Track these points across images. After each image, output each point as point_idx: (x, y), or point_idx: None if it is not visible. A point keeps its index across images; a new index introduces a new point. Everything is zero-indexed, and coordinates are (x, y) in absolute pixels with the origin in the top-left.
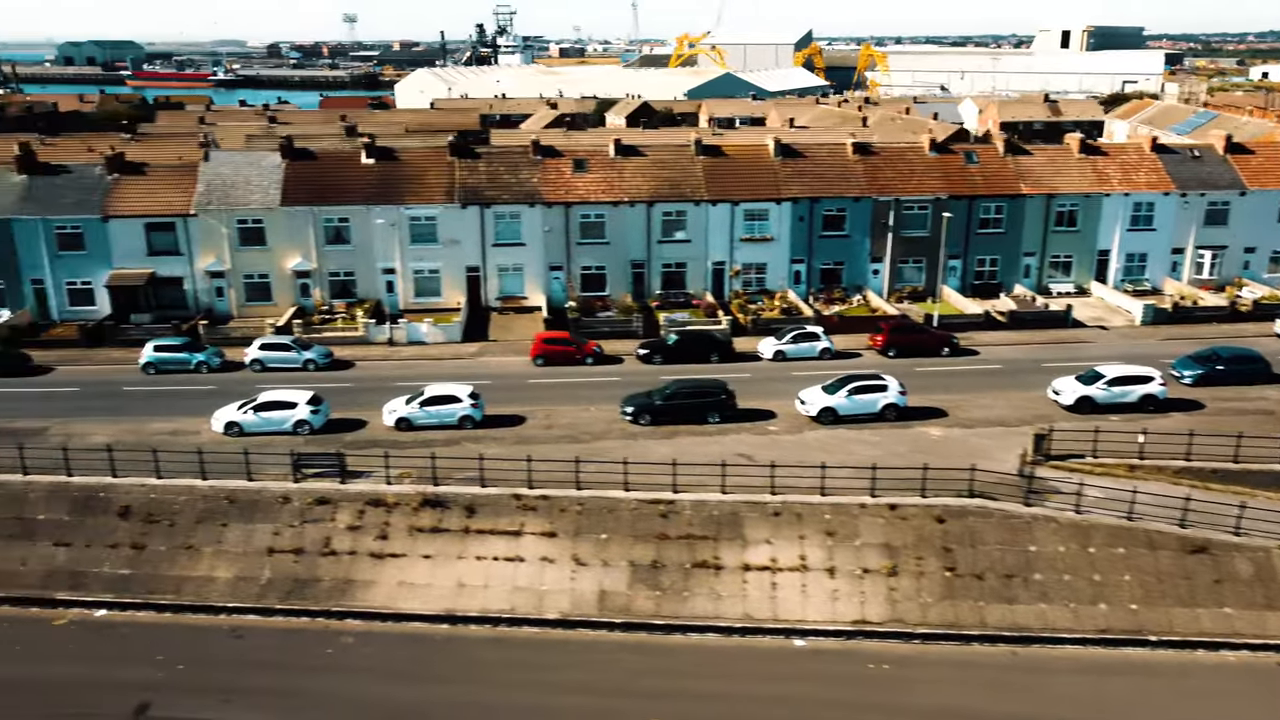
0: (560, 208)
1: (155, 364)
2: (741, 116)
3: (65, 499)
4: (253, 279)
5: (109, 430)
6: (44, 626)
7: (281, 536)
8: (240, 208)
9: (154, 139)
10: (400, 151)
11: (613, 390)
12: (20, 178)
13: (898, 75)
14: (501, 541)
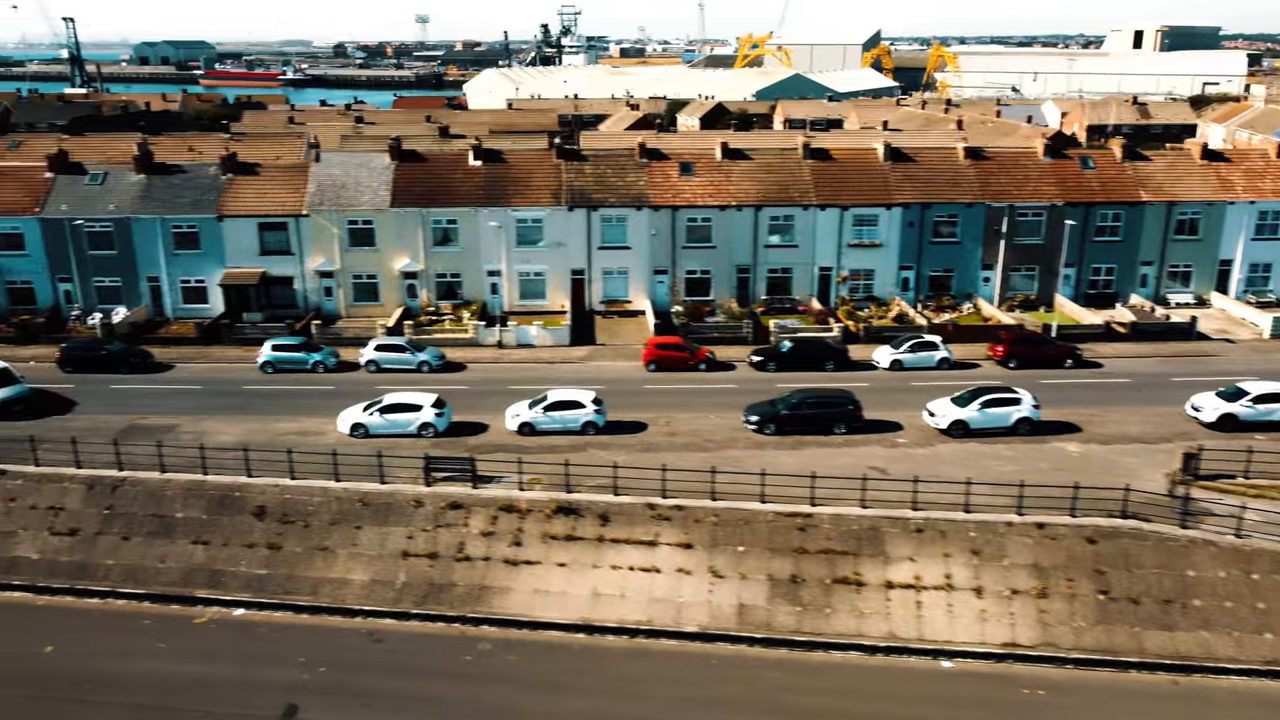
0: (667, 211)
1: (273, 363)
2: (817, 118)
3: (202, 498)
4: (361, 279)
5: (236, 429)
6: (185, 624)
7: (415, 540)
8: (351, 209)
9: (251, 138)
10: (507, 154)
11: (729, 398)
12: (138, 177)
13: (967, 76)
14: (637, 551)
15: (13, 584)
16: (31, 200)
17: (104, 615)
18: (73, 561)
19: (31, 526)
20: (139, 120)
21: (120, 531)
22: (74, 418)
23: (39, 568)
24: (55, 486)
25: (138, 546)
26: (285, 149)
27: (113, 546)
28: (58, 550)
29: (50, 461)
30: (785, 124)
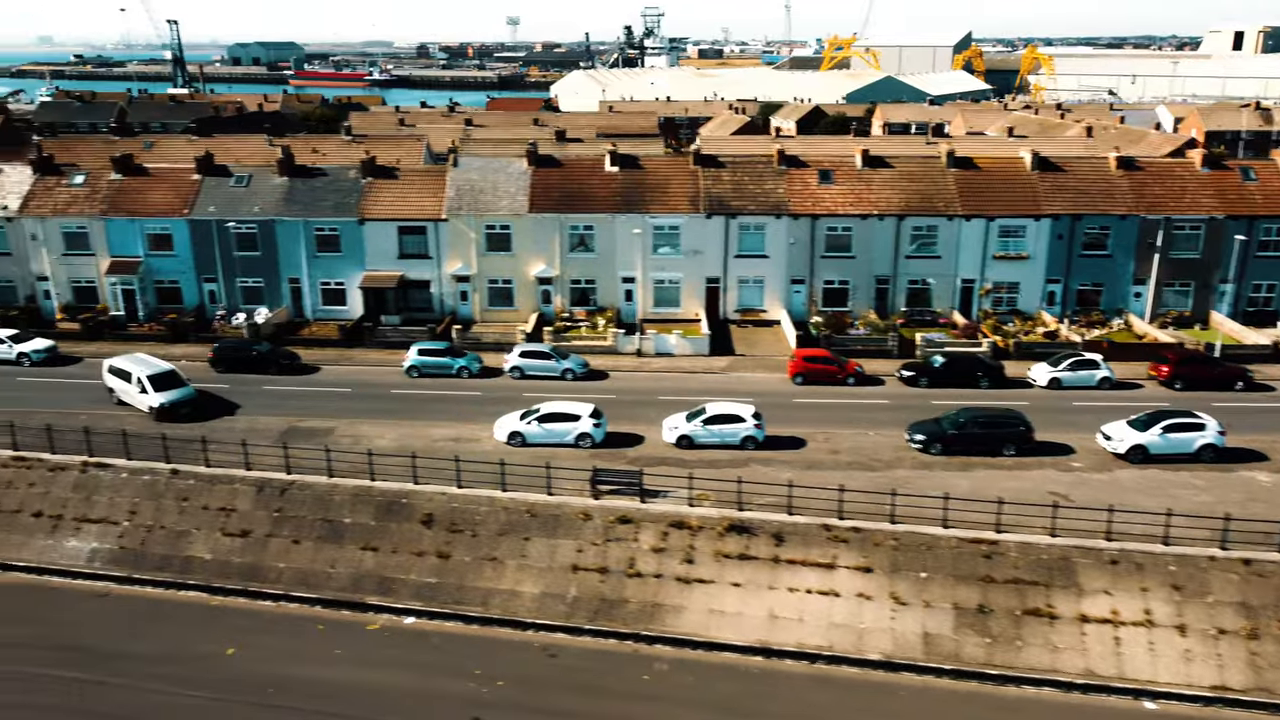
0: (806, 219)
1: (419, 367)
2: (918, 122)
3: (370, 503)
4: (497, 284)
5: (392, 434)
6: (358, 631)
7: (585, 554)
8: (489, 213)
9: (371, 140)
10: (643, 159)
11: (883, 414)
12: (281, 180)
13: (1061, 79)
14: (813, 574)
15: (189, 583)
16: (181, 202)
17: (277, 618)
18: (245, 563)
19: (204, 527)
20: (262, 121)
21: (291, 535)
22: (234, 419)
23: (212, 568)
24: (226, 488)
25: (308, 550)
26: (404, 151)
27: (283, 549)
28: (230, 551)
29: (220, 463)
30: (884, 128)
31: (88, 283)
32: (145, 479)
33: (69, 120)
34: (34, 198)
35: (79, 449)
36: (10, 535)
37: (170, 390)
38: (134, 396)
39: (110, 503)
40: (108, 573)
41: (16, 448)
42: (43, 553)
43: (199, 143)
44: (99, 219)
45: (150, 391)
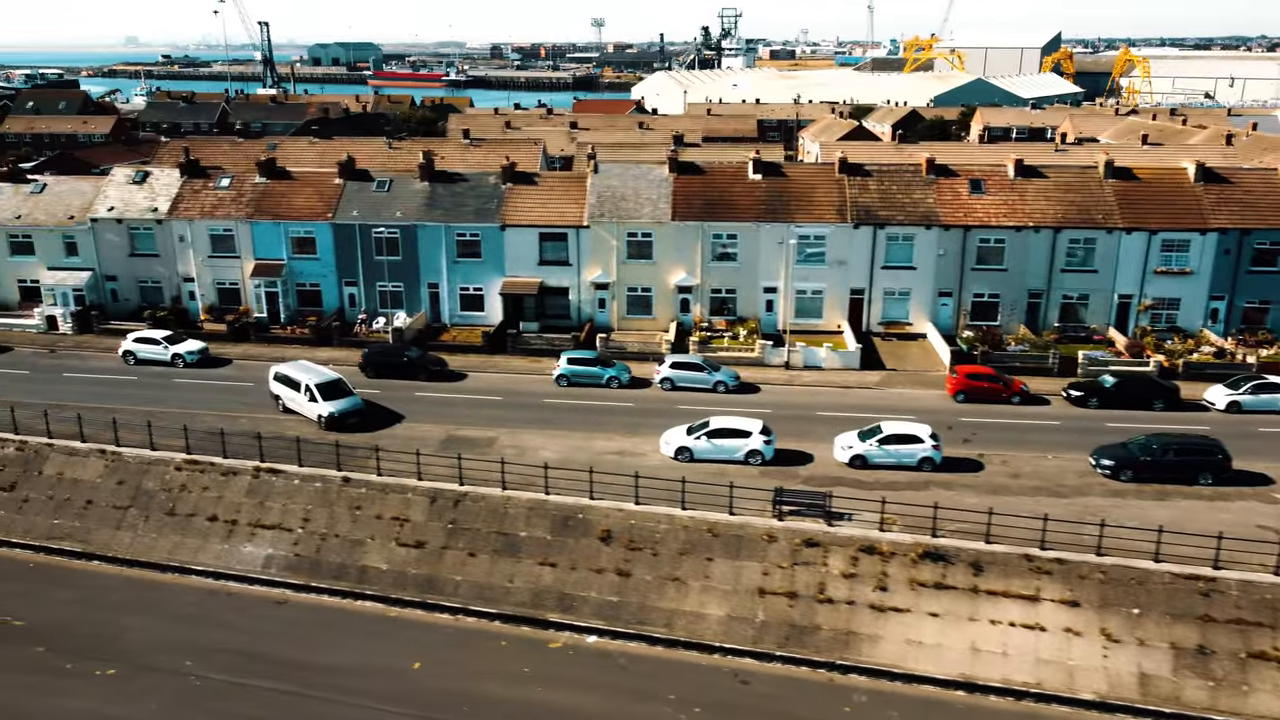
0: (957, 231)
1: (568, 376)
2: (1019, 126)
3: (545, 517)
4: (635, 292)
5: (555, 445)
6: (541, 648)
7: (771, 577)
8: (631, 221)
9: (489, 144)
10: (786, 167)
11: (1056, 435)
12: (422, 184)
13: (1154, 81)
14: (1016, 606)
15: (366, 594)
16: (324, 206)
17: (457, 632)
18: (421, 574)
19: (379, 536)
20: (366, 123)
21: (466, 547)
22: (393, 427)
23: (388, 578)
24: (398, 497)
25: (484, 564)
26: (521, 155)
27: (459, 562)
28: (405, 562)
29: (389, 471)
30: (984, 132)
31: (231, 284)
32: (317, 486)
33: (174, 120)
34: (182, 200)
35: (248, 453)
36: (186, 538)
37: (339, 399)
38: (302, 404)
39: (284, 509)
40: (285, 580)
41: (189, 451)
42: (220, 557)
43: (320, 145)
44: (245, 222)
45: (319, 400)
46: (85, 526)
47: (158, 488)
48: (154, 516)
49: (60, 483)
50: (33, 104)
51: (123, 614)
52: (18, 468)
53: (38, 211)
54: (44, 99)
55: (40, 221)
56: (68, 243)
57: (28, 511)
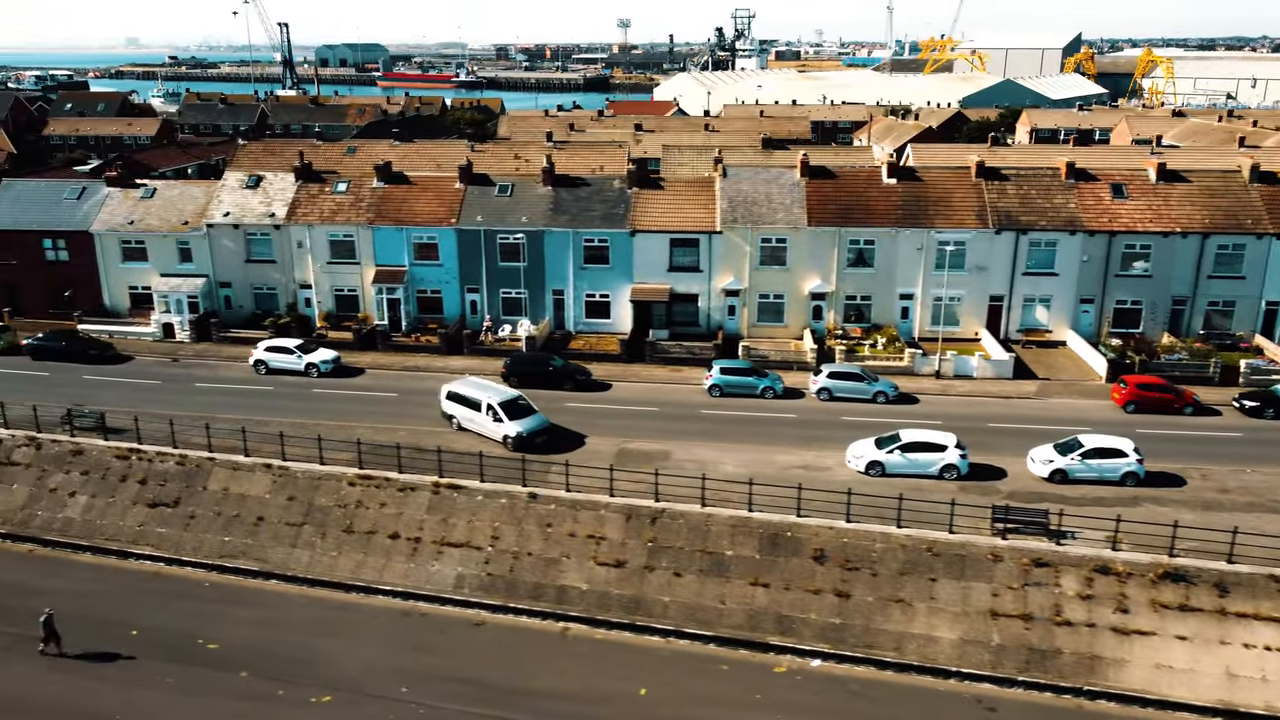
0: (1101, 236)
1: (721, 386)
2: (1067, 128)
3: (750, 535)
4: (767, 299)
5: (733, 459)
6: (764, 672)
7: (1002, 599)
8: (765, 226)
9: (574, 147)
10: (921, 171)
11: (1245, 448)
12: (545, 189)
13: (1175, 82)
14: (1268, 629)
15: (570, 614)
16: (448, 211)
17: (673, 655)
18: (625, 595)
19: (574, 554)
20: (419, 125)
21: (670, 566)
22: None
23: (590, 599)
24: (591, 514)
25: (692, 584)
26: (608, 158)
27: (665, 582)
28: (607, 582)
29: (577, 486)
30: (1031, 135)
31: (350, 291)
32: (502, 502)
33: (212, 121)
34: (299, 205)
35: (420, 468)
36: (368, 557)
37: (524, 418)
38: (483, 424)
39: (469, 526)
40: (480, 600)
41: (362, 465)
42: (407, 576)
43: (401, 148)
44: (366, 227)
45: (505, 420)
46: (259, 544)
47: (332, 504)
48: (331, 534)
49: (227, 498)
50: (71, 105)
51: (315, 636)
52: (179, 482)
53: (150, 217)
54: (83, 100)
55: (153, 227)
56: (181, 249)
57: (195, 529)
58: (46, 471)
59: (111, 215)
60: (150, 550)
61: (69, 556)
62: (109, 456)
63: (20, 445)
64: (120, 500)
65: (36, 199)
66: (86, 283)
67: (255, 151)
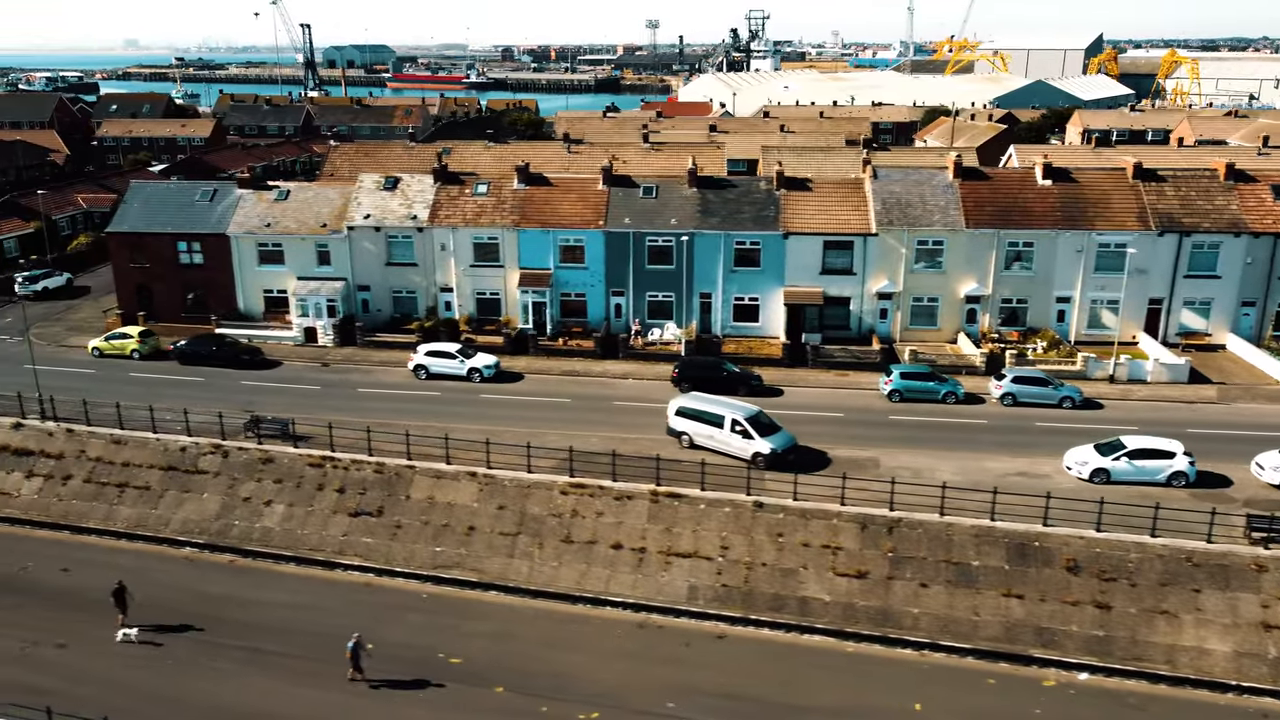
0: (1267, 238)
1: (901, 391)
2: (1120, 129)
3: (996, 545)
4: (921, 302)
5: (946, 466)
6: (1034, 687)
7: (1273, 610)
8: (922, 228)
9: (669, 148)
10: (1076, 173)
11: None
12: (691, 191)
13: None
14: None
15: (815, 627)
16: (594, 213)
17: (933, 669)
18: (871, 606)
19: (811, 565)
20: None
21: (914, 577)
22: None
23: (834, 610)
24: (822, 523)
25: (940, 595)
26: (706, 159)
27: (911, 594)
28: (850, 593)
29: (804, 495)
30: (1084, 136)
31: (492, 294)
32: (726, 511)
33: (258, 123)
34: (440, 207)
35: (623, 476)
36: (592, 567)
37: (773, 434)
38: (726, 441)
39: (695, 535)
40: (717, 611)
41: (573, 473)
42: (636, 587)
43: (496, 149)
44: (511, 229)
45: (756, 437)
46: (473, 554)
47: (545, 513)
48: (549, 544)
49: (433, 507)
50: (117, 107)
51: (555, 649)
52: (380, 491)
53: (286, 219)
54: (128, 102)
55: (291, 229)
56: (320, 251)
57: (404, 539)
58: (237, 480)
59: (246, 218)
60: (358, 561)
61: (271, 567)
62: (301, 464)
63: (205, 453)
64: (319, 509)
65: (167, 201)
66: (221, 286)
67: (348, 153)
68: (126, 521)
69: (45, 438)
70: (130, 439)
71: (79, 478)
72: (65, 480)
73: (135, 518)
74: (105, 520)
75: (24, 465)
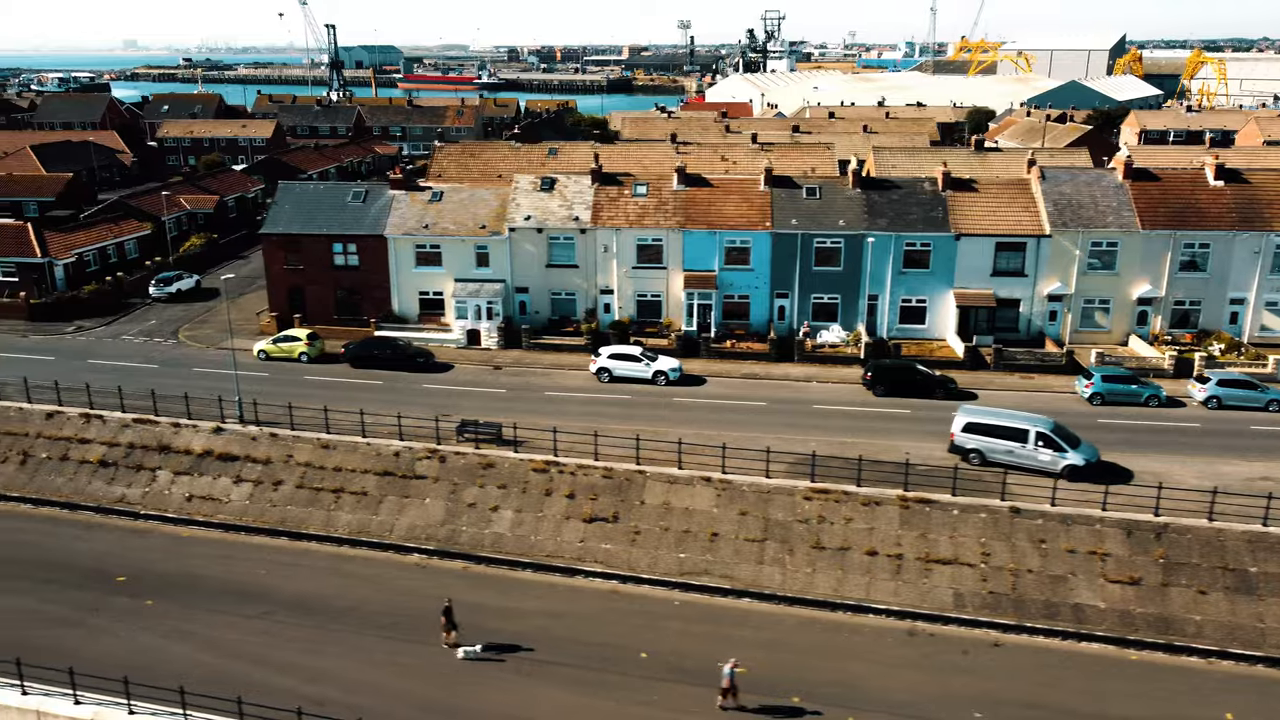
0: None
1: (1103, 394)
2: (1176, 129)
3: (1273, 551)
4: (1092, 304)
5: (1183, 471)
6: None
7: None
8: (1096, 230)
9: (778, 148)
10: (1246, 173)
11: None
12: (855, 191)
13: (1218, 84)
14: None
15: (1094, 634)
16: (759, 215)
17: (1227, 678)
18: (1149, 614)
19: (1079, 571)
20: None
21: (1191, 584)
22: None
23: (1110, 617)
24: (1085, 529)
25: (1220, 602)
26: (816, 159)
27: (1189, 601)
28: (1125, 600)
29: (1063, 500)
30: (1140, 136)
31: (653, 296)
32: (982, 517)
33: (309, 124)
34: (601, 208)
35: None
36: (848, 574)
37: (1079, 447)
38: (1030, 456)
39: (952, 542)
40: (988, 619)
41: (813, 478)
42: (898, 594)
43: (605, 149)
44: (676, 231)
45: (1067, 450)
46: (720, 560)
47: (790, 519)
48: (800, 550)
49: (669, 513)
50: (168, 108)
51: (830, 657)
52: (612, 496)
53: (444, 220)
54: (178, 102)
55: (450, 231)
56: (479, 253)
57: (645, 545)
58: (458, 485)
59: (403, 219)
60: (600, 567)
61: (506, 574)
62: (525, 469)
63: (421, 458)
64: (550, 515)
65: (319, 203)
66: (374, 288)
67: (453, 154)
68: (348, 527)
69: (249, 442)
70: (339, 443)
71: (290, 483)
72: (276, 486)
73: (356, 524)
74: (326, 526)
75: (230, 470)
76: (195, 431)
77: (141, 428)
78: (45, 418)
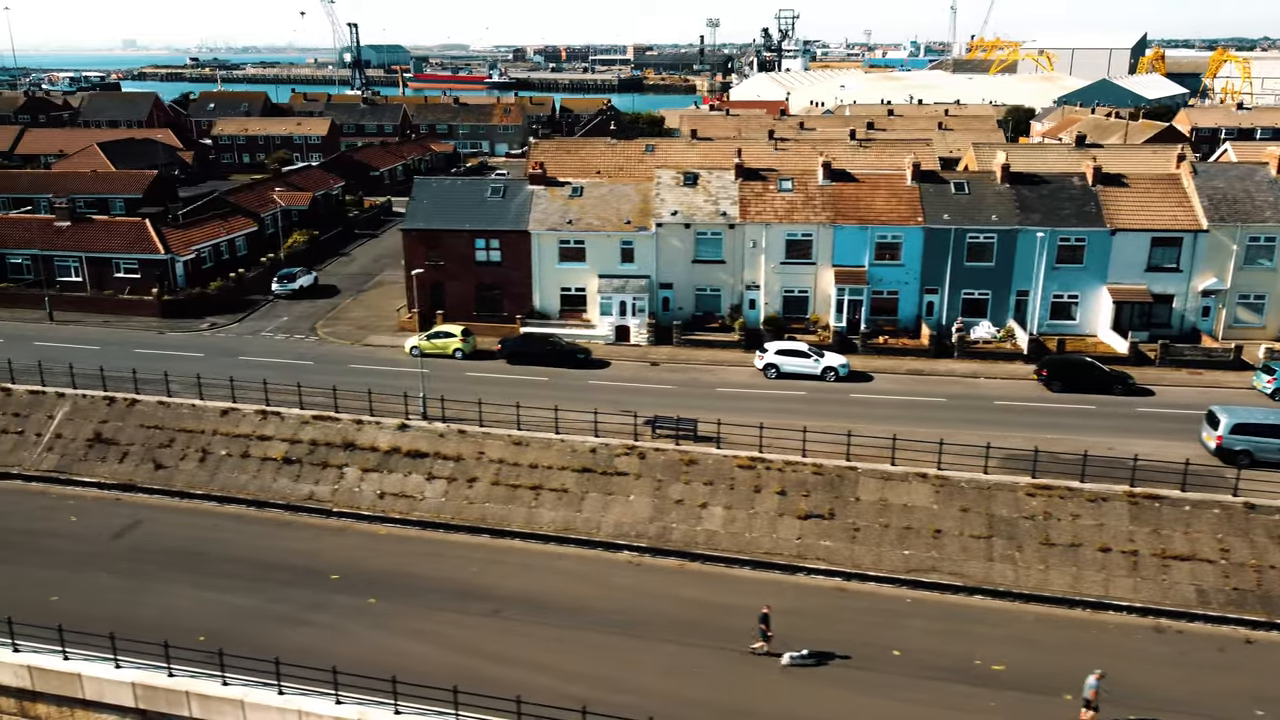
0: None
1: None
2: (1228, 127)
3: None
4: (1247, 299)
5: None
6: None
7: None
8: (1254, 224)
9: (877, 145)
10: None
11: None
12: (1004, 187)
13: (1238, 81)
14: None
15: None
16: (910, 210)
17: None
18: None
19: None
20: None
21: None
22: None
23: None
24: None
25: None
26: (921, 155)
27: None
28: None
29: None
30: (1193, 134)
31: (800, 292)
32: (1215, 513)
33: (356, 122)
34: (748, 203)
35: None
36: (1083, 570)
37: None
38: None
39: (1187, 538)
40: (1235, 615)
41: (1035, 474)
42: (1137, 590)
43: (700, 145)
44: (826, 226)
45: None
46: (946, 557)
47: (1014, 515)
48: (1029, 547)
49: (887, 509)
50: (214, 105)
51: (1083, 653)
52: (825, 493)
53: (587, 216)
54: (223, 100)
55: (594, 226)
56: (624, 249)
57: (865, 541)
58: (662, 482)
59: (545, 214)
60: (822, 564)
61: (725, 572)
62: (730, 465)
63: (619, 454)
64: (762, 511)
65: (458, 198)
66: (516, 284)
67: (549, 150)
68: (552, 525)
69: (436, 439)
70: (532, 440)
71: (485, 480)
72: (470, 483)
73: (560, 521)
74: (528, 524)
75: (421, 468)
76: (379, 428)
77: (322, 425)
78: (220, 415)
